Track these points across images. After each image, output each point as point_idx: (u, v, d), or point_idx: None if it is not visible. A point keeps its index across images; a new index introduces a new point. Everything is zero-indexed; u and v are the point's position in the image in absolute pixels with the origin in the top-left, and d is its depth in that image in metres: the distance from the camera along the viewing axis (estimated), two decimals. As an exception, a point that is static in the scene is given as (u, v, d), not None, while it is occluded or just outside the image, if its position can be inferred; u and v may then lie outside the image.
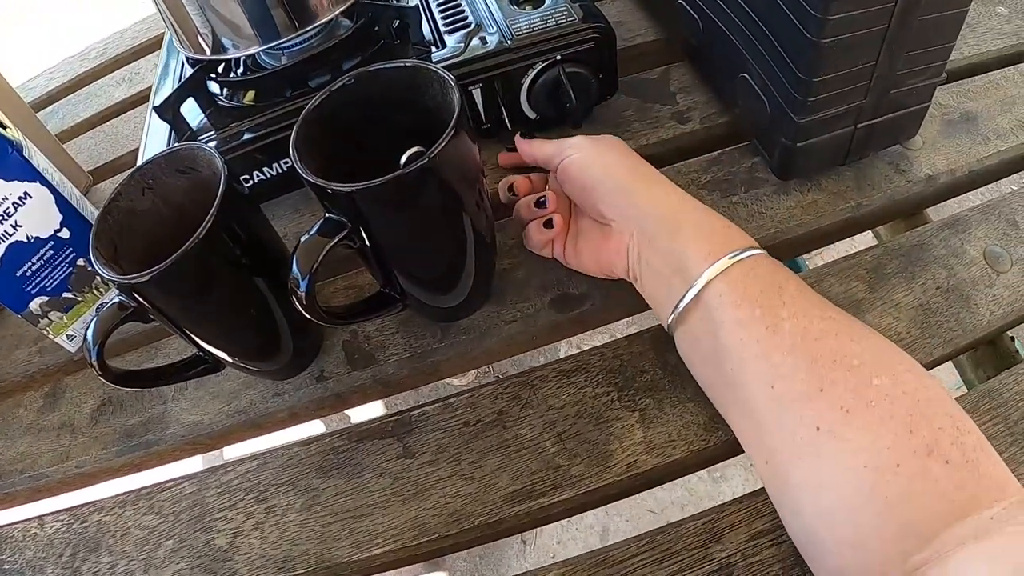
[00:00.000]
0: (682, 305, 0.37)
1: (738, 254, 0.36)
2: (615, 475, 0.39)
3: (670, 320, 0.38)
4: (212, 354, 0.41)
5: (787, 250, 0.49)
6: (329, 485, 0.41)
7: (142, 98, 0.79)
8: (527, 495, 0.39)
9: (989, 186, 0.54)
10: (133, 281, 0.34)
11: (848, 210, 0.49)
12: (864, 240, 0.61)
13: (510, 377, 0.44)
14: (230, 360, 0.41)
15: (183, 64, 0.57)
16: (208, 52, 0.49)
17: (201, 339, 0.39)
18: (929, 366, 0.42)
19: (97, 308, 0.54)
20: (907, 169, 0.51)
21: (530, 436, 0.41)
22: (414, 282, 0.40)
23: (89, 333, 0.37)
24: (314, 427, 0.80)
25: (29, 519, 0.47)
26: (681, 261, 0.37)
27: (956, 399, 0.38)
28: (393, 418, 0.43)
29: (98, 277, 0.52)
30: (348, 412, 0.49)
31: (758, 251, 0.37)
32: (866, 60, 0.40)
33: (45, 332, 0.52)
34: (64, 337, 0.53)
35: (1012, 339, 0.48)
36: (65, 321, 0.52)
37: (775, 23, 0.41)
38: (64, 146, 0.68)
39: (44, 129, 0.66)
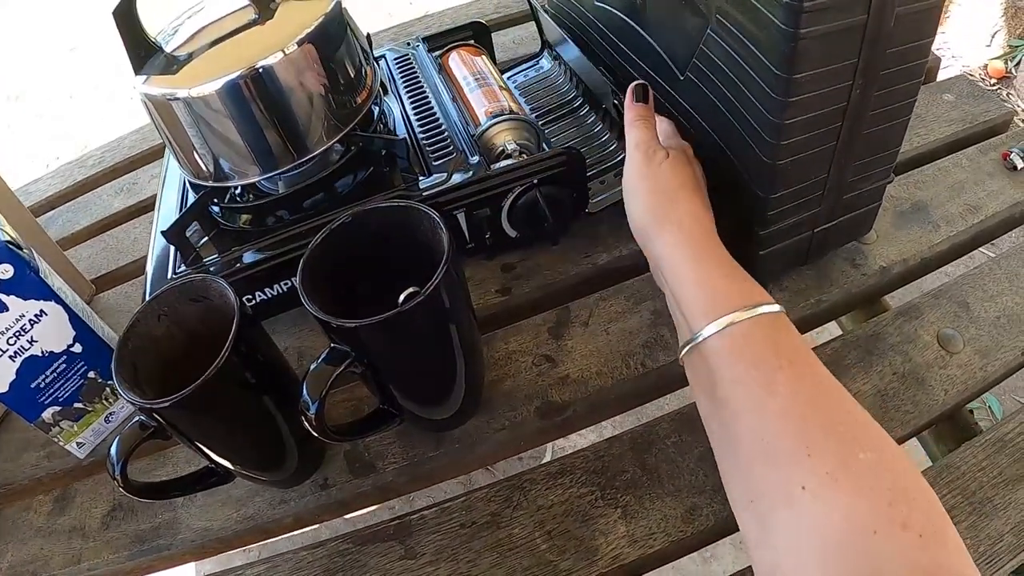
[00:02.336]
0: (685, 349, 0.41)
1: (740, 314, 0.38)
2: (601, 567, 0.43)
3: (680, 355, 0.42)
4: (224, 466, 0.45)
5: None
6: (335, 587, 0.45)
7: (140, 209, 0.84)
8: (521, 590, 0.43)
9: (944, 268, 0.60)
10: (156, 406, 0.39)
11: (809, 306, 0.54)
12: (830, 327, 0.66)
13: (501, 481, 0.48)
14: (240, 471, 0.46)
15: (184, 182, 0.63)
16: (211, 179, 0.54)
17: (215, 453, 0.43)
18: None
19: (107, 417, 0.58)
20: (862, 263, 0.56)
21: (522, 535, 0.45)
22: (410, 399, 0.45)
23: (113, 451, 0.41)
24: (319, 531, 0.82)
25: None
26: (686, 309, 0.41)
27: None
28: (394, 522, 0.47)
29: (107, 388, 0.56)
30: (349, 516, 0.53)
31: (759, 311, 0.39)
32: (818, 174, 0.46)
33: (56, 440, 0.56)
34: (74, 444, 0.57)
35: (971, 412, 0.53)
36: (75, 429, 0.56)
37: (737, 147, 0.47)
38: (65, 253, 0.73)
39: (46, 236, 0.71)
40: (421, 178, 0.56)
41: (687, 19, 0.47)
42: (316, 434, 0.40)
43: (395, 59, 0.72)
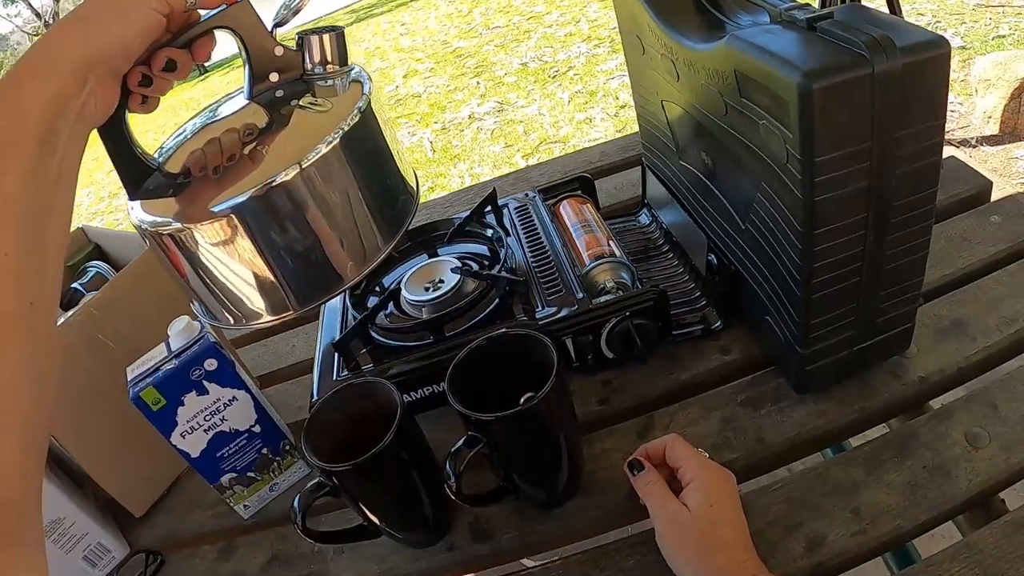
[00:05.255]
0: None
1: None
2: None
3: None
4: (374, 523, 0.60)
5: (813, 445, 0.66)
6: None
7: (294, 322, 0.99)
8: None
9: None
10: (335, 469, 0.55)
11: (853, 413, 0.66)
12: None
13: (591, 548, 0.62)
14: (386, 529, 0.61)
15: (346, 300, 0.81)
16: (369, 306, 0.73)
17: (370, 512, 0.59)
18: (920, 528, 0.57)
19: (271, 487, 0.74)
20: (903, 374, 0.68)
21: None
22: (524, 479, 0.61)
23: (296, 504, 0.57)
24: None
25: None
26: None
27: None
28: (506, 576, 0.62)
29: (275, 463, 0.73)
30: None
31: None
32: (847, 304, 0.59)
33: (228, 501, 0.73)
34: (241, 506, 0.74)
35: (1003, 501, 0.61)
36: (245, 493, 0.73)
37: (780, 283, 0.61)
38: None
39: (228, 342, 0.90)
40: (537, 310, 0.73)
41: (744, 183, 0.62)
42: (454, 497, 0.55)
43: (516, 208, 0.91)
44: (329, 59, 0.56)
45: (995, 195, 0.90)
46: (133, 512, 0.79)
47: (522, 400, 0.53)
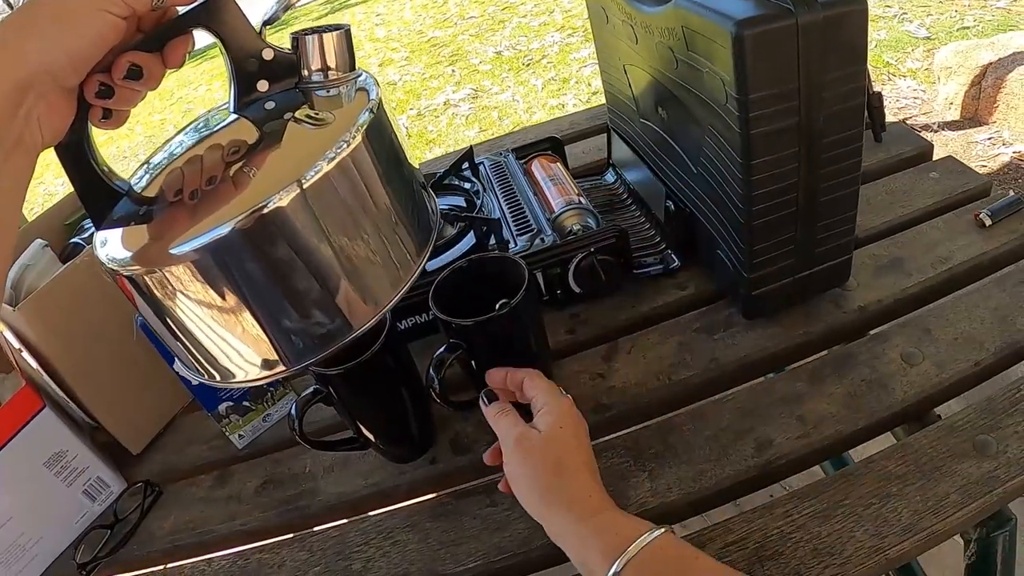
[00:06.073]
0: None
1: (634, 547, 0.47)
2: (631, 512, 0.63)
3: None
4: (363, 433, 0.67)
5: (762, 367, 0.74)
6: (438, 526, 0.66)
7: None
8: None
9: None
10: (328, 372, 0.61)
11: (798, 337, 0.74)
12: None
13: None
14: (374, 440, 0.68)
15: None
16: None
17: (359, 420, 0.66)
18: (858, 435, 0.65)
19: (265, 417, 0.81)
20: (844, 304, 0.76)
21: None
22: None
23: (293, 410, 0.63)
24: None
25: (198, 560, 0.71)
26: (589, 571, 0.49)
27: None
28: (483, 483, 0.69)
29: (268, 392, 0.80)
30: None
31: (651, 536, 0.48)
32: (786, 232, 0.67)
33: (224, 430, 0.79)
34: (236, 436, 0.80)
35: (939, 417, 0.67)
36: (240, 423, 0.79)
37: (727, 216, 0.69)
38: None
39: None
40: (511, 245, 0.81)
41: (694, 130, 0.70)
42: (438, 400, 0.62)
43: (491, 165, 0.99)
44: (331, 64, 0.48)
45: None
46: (131, 450, 0.84)
47: (497, 307, 0.60)
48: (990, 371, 0.68)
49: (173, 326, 0.45)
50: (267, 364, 0.46)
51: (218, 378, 0.48)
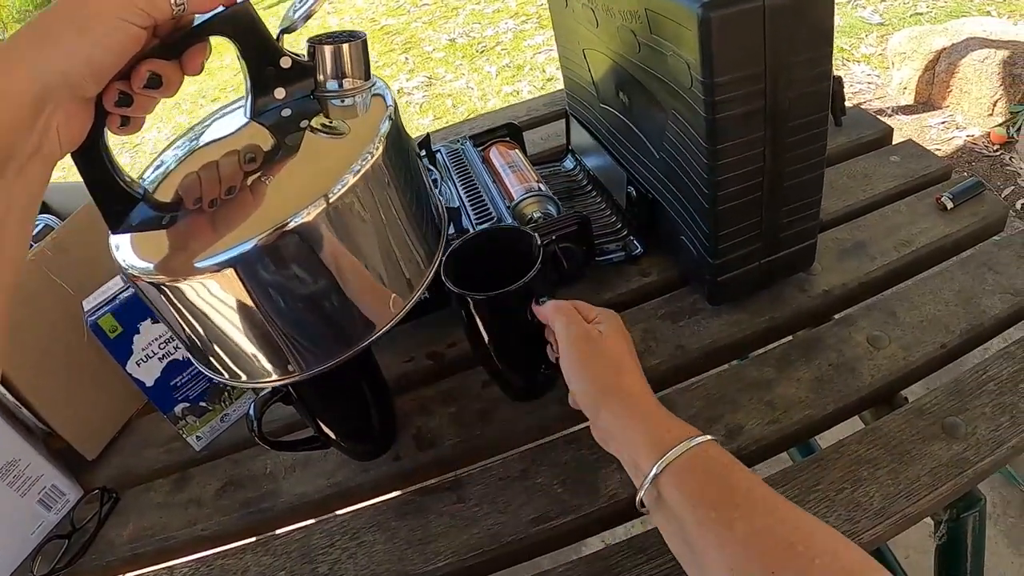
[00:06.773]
0: (642, 492, 0.48)
1: (683, 445, 0.47)
2: (601, 503, 0.62)
3: (638, 501, 0.49)
4: (325, 433, 0.65)
5: (728, 353, 0.74)
6: (405, 524, 0.65)
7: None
8: (543, 520, 0.62)
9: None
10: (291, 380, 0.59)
11: (764, 323, 0.74)
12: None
13: (532, 448, 0.68)
14: (335, 438, 0.66)
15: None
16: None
17: (320, 419, 0.64)
18: (827, 419, 0.65)
19: (223, 418, 0.79)
20: (809, 288, 0.76)
21: (544, 483, 0.65)
22: (506, 357, 0.68)
23: (251, 411, 0.61)
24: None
25: (159, 568, 0.69)
26: (641, 460, 0.49)
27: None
28: (449, 478, 0.67)
29: (226, 392, 0.78)
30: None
31: (698, 440, 0.47)
32: (752, 218, 0.67)
33: (181, 433, 0.77)
34: (194, 438, 0.78)
35: (906, 399, 0.68)
36: (197, 424, 0.77)
37: (692, 201, 0.68)
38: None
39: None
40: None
41: (656, 114, 0.69)
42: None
43: (448, 153, 0.97)
44: (347, 72, 0.49)
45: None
46: (86, 455, 0.81)
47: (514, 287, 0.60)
48: (957, 352, 0.69)
49: (191, 330, 0.48)
50: (281, 369, 0.50)
51: (233, 377, 0.52)
